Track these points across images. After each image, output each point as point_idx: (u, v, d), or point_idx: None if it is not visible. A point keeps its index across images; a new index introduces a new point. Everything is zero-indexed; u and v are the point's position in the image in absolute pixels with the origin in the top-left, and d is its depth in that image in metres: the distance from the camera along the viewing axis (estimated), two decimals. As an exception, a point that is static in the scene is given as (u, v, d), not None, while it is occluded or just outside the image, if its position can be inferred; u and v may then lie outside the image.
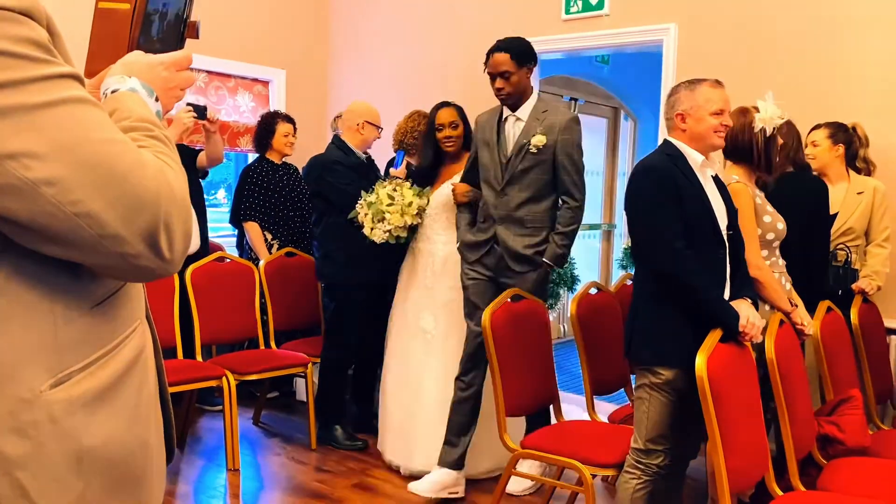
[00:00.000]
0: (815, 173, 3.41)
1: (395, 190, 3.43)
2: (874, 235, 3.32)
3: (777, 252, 2.73)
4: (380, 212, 3.41)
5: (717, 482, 2.04)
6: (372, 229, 3.44)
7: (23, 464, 0.78)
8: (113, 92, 0.93)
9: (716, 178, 2.45)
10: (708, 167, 2.40)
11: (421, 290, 3.49)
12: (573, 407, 3.97)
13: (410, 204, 3.41)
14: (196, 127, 3.97)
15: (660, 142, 2.51)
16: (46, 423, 0.79)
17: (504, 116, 3.17)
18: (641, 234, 2.36)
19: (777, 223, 2.66)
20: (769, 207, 2.68)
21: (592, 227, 6.73)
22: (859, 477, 2.37)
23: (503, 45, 3.09)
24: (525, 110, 3.13)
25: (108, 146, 0.76)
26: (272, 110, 4.73)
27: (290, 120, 4.37)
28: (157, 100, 0.97)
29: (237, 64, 5.01)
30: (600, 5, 4.26)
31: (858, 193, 3.31)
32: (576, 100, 6.37)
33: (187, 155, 3.97)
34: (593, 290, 3.13)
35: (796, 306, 2.67)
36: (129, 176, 0.77)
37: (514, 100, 3.11)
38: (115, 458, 0.86)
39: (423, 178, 3.55)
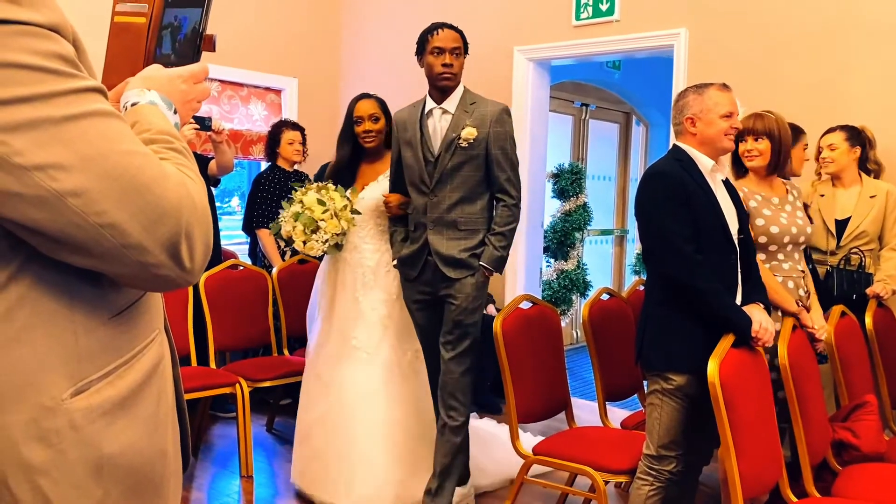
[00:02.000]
0: (828, 177, 3.39)
1: (319, 192, 3.05)
2: (888, 239, 3.30)
3: (780, 256, 2.70)
4: (312, 221, 2.99)
5: (730, 488, 2.03)
6: (305, 242, 3.03)
7: (45, 471, 0.80)
8: (133, 105, 0.95)
9: (726, 182, 2.45)
10: (718, 171, 2.39)
11: (350, 303, 3.14)
12: (585, 413, 3.97)
13: (345, 207, 3.03)
14: (207, 137, 4.00)
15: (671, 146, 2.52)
16: (68, 430, 0.81)
17: (427, 110, 2.88)
18: (651, 239, 2.36)
19: (770, 227, 2.64)
20: (766, 210, 2.66)
21: (605, 232, 6.72)
22: (875, 483, 2.35)
23: (448, 24, 2.83)
24: (452, 102, 2.85)
25: (132, 158, 0.78)
26: (280, 119, 4.76)
27: (296, 127, 4.40)
28: (175, 112, 0.98)
29: (250, 73, 5.06)
30: (610, 11, 4.27)
31: (871, 197, 3.30)
32: (587, 105, 6.37)
33: (199, 163, 4.01)
34: (605, 296, 3.13)
35: (804, 307, 2.66)
36: (152, 187, 0.78)
37: (454, 84, 2.84)
38: (135, 465, 0.87)
39: (339, 177, 3.18)
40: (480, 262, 2.84)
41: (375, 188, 3.14)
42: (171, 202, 0.80)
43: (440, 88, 2.84)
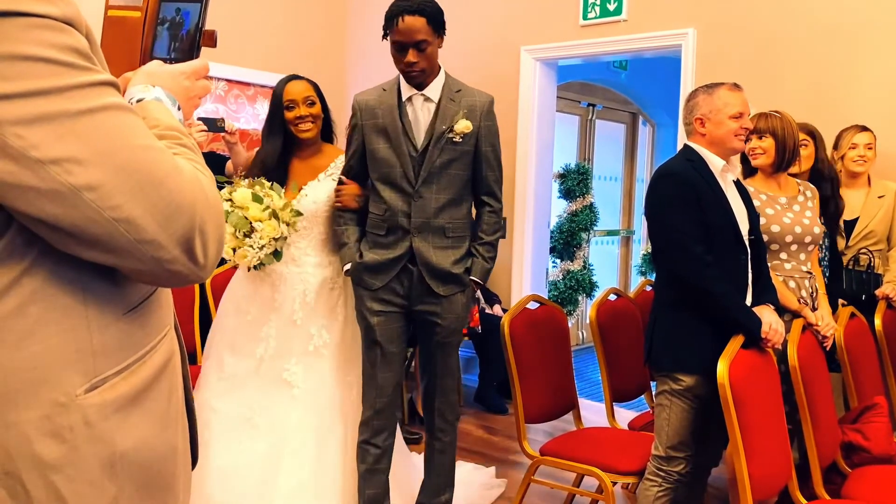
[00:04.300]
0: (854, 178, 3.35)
1: (252, 187, 2.52)
2: (896, 239, 3.29)
3: (783, 255, 2.68)
4: (245, 222, 2.44)
5: (739, 490, 2.02)
6: (236, 250, 2.47)
7: (59, 467, 0.79)
8: (138, 101, 0.95)
9: (737, 183, 2.44)
10: (729, 172, 2.38)
11: (287, 329, 2.61)
12: (592, 414, 3.96)
13: (285, 205, 2.52)
14: (216, 136, 4.00)
15: (679, 147, 2.50)
16: (81, 426, 0.80)
17: (407, 96, 2.49)
18: (661, 239, 2.35)
19: (772, 226, 2.62)
20: (769, 209, 2.64)
21: (611, 233, 6.71)
22: (885, 485, 2.34)
23: (415, 7, 2.35)
24: (434, 89, 2.47)
25: (147, 152, 0.78)
26: None
27: None
28: (179, 108, 0.98)
29: (256, 72, 5.06)
30: (618, 11, 4.26)
31: (879, 197, 3.28)
32: (594, 105, 6.36)
33: (216, 163, 4.02)
34: (612, 297, 3.12)
35: (806, 304, 2.64)
36: (166, 181, 0.78)
37: (422, 79, 2.46)
38: (147, 462, 0.87)
39: (269, 177, 2.62)
40: (472, 277, 2.53)
41: (318, 189, 2.65)
42: (186, 197, 0.80)
43: (409, 82, 2.49)
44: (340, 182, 2.61)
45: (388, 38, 2.42)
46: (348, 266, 2.56)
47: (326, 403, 2.62)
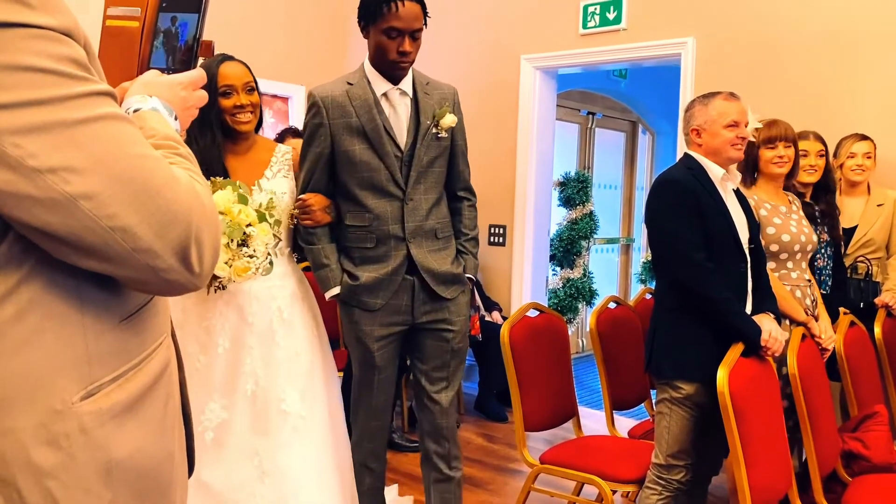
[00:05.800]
0: (854, 186, 3.35)
1: (224, 188, 2.15)
2: (895, 248, 3.29)
3: (790, 265, 2.69)
4: (239, 229, 2.10)
5: (739, 498, 2.02)
6: (229, 263, 2.11)
7: (54, 474, 0.79)
8: (135, 111, 0.96)
9: (737, 192, 2.45)
10: (728, 180, 2.39)
11: (271, 353, 2.26)
12: (592, 422, 3.95)
13: (271, 201, 2.25)
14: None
15: (679, 155, 2.51)
16: (77, 434, 0.80)
17: (383, 91, 2.29)
18: (662, 246, 2.36)
19: (782, 235, 2.62)
20: (777, 219, 2.65)
21: (611, 240, 6.71)
22: (885, 494, 2.33)
23: None
24: (408, 82, 2.32)
25: (143, 161, 0.78)
26: (288, 126, 4.77)
27: (299, 134, 4.39)
28: (175, 119, 0.99)
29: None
30: (618, 20, 4.27)
31: (878, 205, 3.29)
32: (594, 114, 6.38)
33: None
34: (612, 305, 3.12)
35: (812, 317, 2.65)
36: (163, 190, 0.79)
37: (408, 71, 2.32)
38: (143, 469, 0.87)
39: (206, 173, 2.20)
40: (468, 276, 2.44)
41: (271, 187, 2.34)
42: (182, 206, 0.80)
43: (392, 75, 2.30)
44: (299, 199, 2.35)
45: (377, 25, 2.18)
46: (336, 290, 2.33)
47: (328, 430, 2.36)
